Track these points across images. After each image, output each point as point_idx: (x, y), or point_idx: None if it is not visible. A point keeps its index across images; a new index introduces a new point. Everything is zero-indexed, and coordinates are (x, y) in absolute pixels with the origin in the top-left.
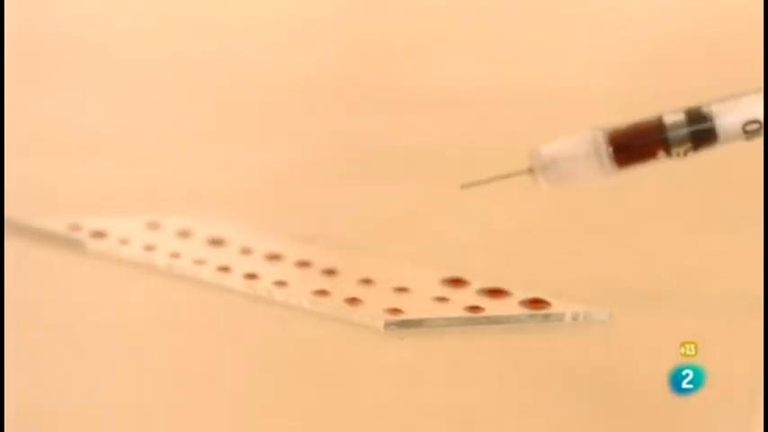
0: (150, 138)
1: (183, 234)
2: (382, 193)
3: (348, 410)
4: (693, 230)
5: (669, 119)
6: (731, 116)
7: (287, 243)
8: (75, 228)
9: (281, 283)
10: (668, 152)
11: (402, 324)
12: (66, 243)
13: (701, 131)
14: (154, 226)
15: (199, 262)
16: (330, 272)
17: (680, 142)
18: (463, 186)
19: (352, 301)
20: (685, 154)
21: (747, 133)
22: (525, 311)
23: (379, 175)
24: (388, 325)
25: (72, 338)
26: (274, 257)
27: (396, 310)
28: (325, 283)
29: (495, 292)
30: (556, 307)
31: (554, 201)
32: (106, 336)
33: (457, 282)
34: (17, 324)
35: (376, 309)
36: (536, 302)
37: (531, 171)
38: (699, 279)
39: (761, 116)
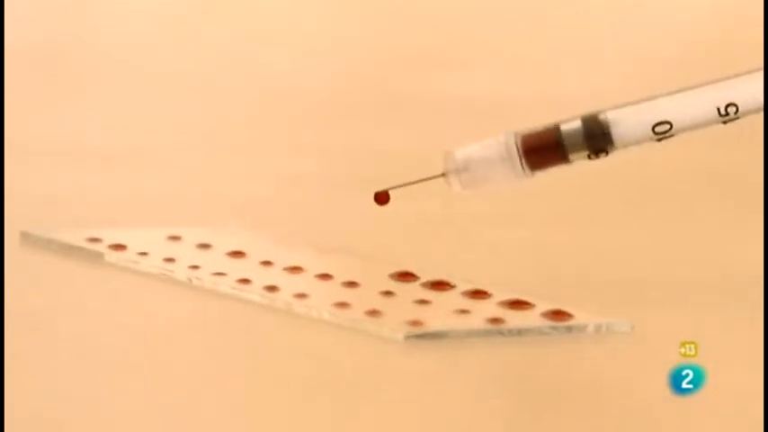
0: (169, 148)
1: (203, 246)
2: (403, 204)
3: (368, 423)
4: (694, 231)
5: (565, 126)
6: (633, 120)
7: (307, 255)
8: (95, 240)
9: (301, 296)
10: (566, 158)
11: (423, 336)
12: (86, 255)
13: (596, 137)
14: (173, 238)
15: (219, 274)
16: (351, 284)
17: (576, 149)
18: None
19: (373, 313)
20: (596, 156)
21: (657, 134)
22: (547, 323)
23: (398, 189)
24: (408, 337)
25: (91, 351)
26: (295, 269)
27: (417, 323)
28: (345, 295)
29: (517, 304)
30: (578, 318)
31: (556, 203)
32: (126, 348)
33: (478, 294)
34: (37, 336)
35: (397, 321)
36: (558, 314)
37: (445, 174)
38: (699, 279)
39: (672, 117)
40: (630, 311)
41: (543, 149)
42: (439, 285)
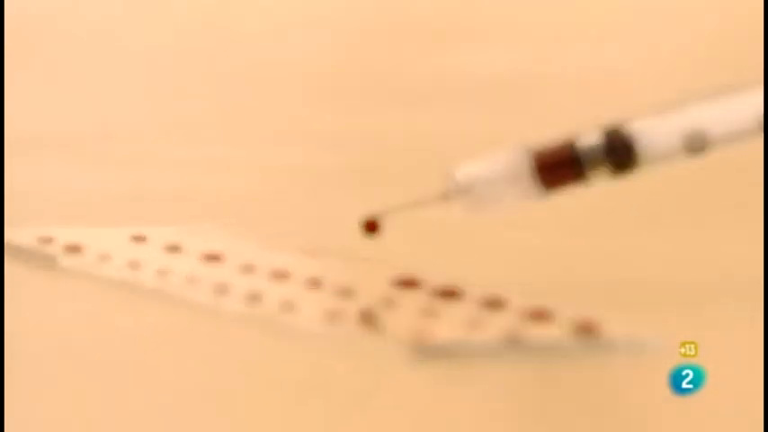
0: (136, 137)
1: (173, 248)
2: (402, 200)
3: None
4: (694, 231)
5: (583, 141)
6: (661, 131)
7: (294, 258)
8: (47, 241)
9: (287, 305)
10: (583, 176)
11: (429, 351)
12: (36, 258)
13: (619, 152)
14: (138, 239)
15: (192, 280)
16: (345, 291)
17: (595, 165)
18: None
19: (371, 324)
20: (621, 173)
21: (691, 148)
22: (572, 337)
23: (398, 181)
24: (412, 352)
25: (47, 368)
26: (280, 275)
27: (422, 335)
28: (338, 303)
29: (537, 314)
30: (605, 330)
31: (555, 205)
32: (87, 366)
33: (493, 303)
34: None
35: (398, 334)
36: (585, 327)
37: (445, 197)
38: (699, 279)
39: (708, 128)
40: (630, 312)
41: (559, 166)
42: (447, 293)
